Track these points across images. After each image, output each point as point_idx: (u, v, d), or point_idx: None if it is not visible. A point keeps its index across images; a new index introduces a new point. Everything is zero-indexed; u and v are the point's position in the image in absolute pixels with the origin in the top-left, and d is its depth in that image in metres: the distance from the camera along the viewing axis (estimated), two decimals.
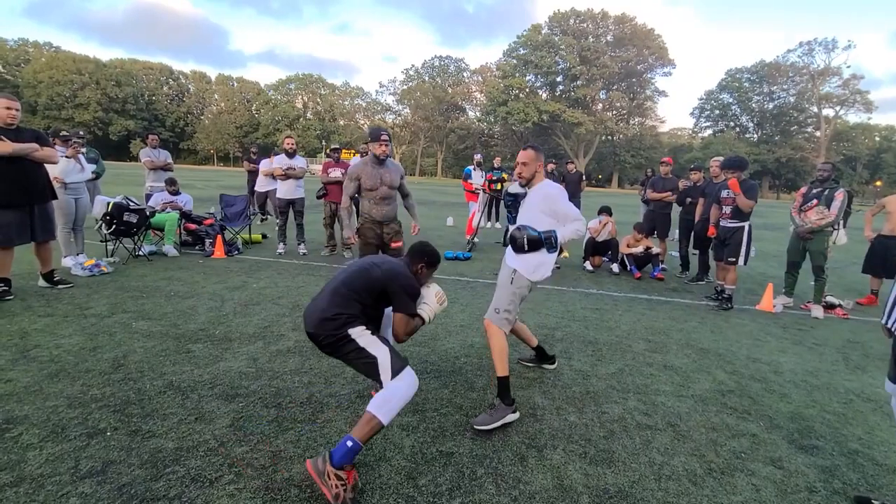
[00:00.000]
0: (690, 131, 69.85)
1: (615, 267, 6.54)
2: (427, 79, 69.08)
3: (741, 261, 4.94)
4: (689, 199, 6.57)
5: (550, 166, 9.87)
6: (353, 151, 21.44)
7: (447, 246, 7.96)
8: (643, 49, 57.29)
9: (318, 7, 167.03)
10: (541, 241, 2.51)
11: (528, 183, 2.68)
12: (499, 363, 2.51)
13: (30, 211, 4.10)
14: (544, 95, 60.59)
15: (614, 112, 62.19)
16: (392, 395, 1.94)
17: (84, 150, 5.65)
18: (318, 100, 72.84)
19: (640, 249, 6.44)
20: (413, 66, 73.17)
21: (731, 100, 61.39)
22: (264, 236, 8.00)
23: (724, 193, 5.02)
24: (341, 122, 72.64)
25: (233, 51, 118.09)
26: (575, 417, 2.56)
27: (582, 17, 58.22)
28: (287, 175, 6.65)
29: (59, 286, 4.41)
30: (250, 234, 7.51)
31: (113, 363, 2.91)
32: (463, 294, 5.01)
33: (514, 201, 2.77)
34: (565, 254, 6.49)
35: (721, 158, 5.88)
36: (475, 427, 2.36)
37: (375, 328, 2.17)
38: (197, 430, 2.23)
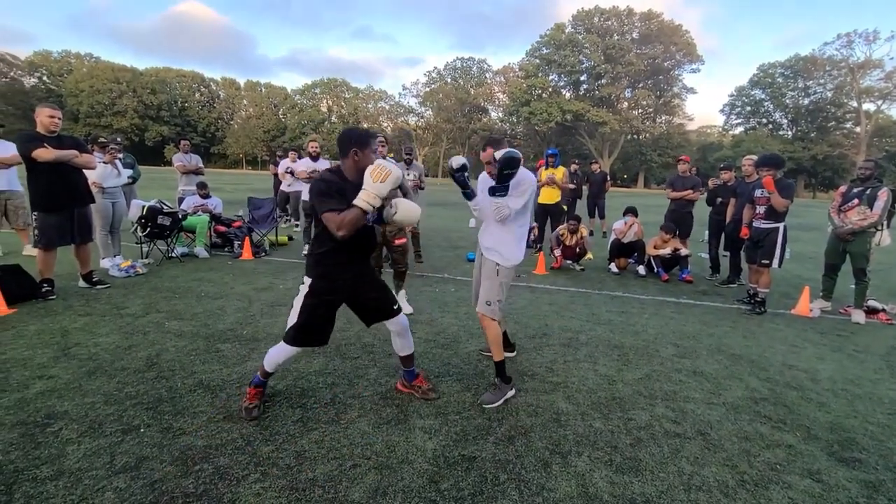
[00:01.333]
0: (720, 129, 67.64)
1: (641, 269, 6.38)
2: (449, 80, 69.16)
3: (775, 263, 4.74)
4: (719, 199, 6.36)
5: (574, 167, 9.73)
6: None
7: (469, 247, 7.93)
8: (670, 46, 55.87)
9: (339, 12, 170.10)
10: (466, 168, 2.71)
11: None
12: (495, 350, 2.73)
13: (70, 215, 4.29)
14: (568, 95, 59.79)
15: (640, 110, 60.87)
16: (273, 352, 2.41)
17: (121, 155, 5.89)
18: (343, 103, 73.93)
19: (667, 251, 6.26)
20: (435, 68, 73.61)
21: (763, 96, 59.14)
22: (290, 238, 8.16)
23: (757, 192, 4.83)
24: (365, 125, 73.44)
25: (258, 57, 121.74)
26: (600, 423, 2.50)
27: (606, 15, 57.23)
28: (311, 178, 6.75)
29: (98, 286, 4.60)
30: (277, 236, 7.67)
31: (147, 361, 3.01)
32: None
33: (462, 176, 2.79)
34: (589, 255, 6.37)
35: (754, 157, 5.66)
36: (483, 406, 2.60)
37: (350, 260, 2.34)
38: (225, 429, 2.28)
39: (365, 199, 2.08)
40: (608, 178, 10.31)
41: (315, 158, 6.90)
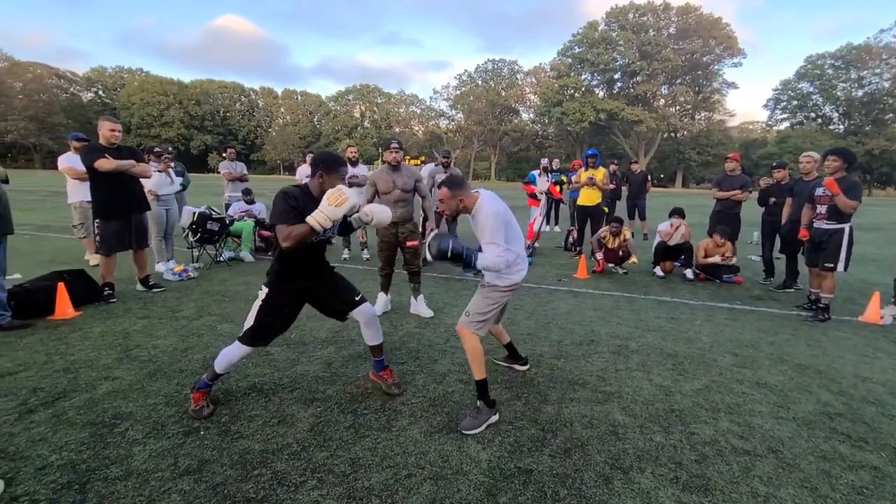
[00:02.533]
0: (764, 125, 64.45)
1: (689, 272, 6.10)
2: (480, 83, 69.09)
3: (840, 266, 4.41)
4: (772, 199, 6.00)
5: (612, 167, 9.45)
6: (420, 158, 21.58)
7: None
8: (709, 39, 53.77)
9: (366, 19, 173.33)
10: (448, 254, 2.31)
11: (456, 216, 2.67)
12: (475, 366, 2.47)
13: (128, 222, 4.49)
14: (601, 94, 58.50)
15: (678, 107, 58.82)
16: (225, 353, 2.46)
17: (173, 164, 6.15)
18: (375, 109, 75.12)
19: (717, 259, 5.96)
20: (466, 70, 73.63)
21: (811, 89, 55.91)
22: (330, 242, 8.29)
23: (818, 191, 4.52)
24: (397, 130, 74.33)
25: (291, 66, 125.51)
26: (661, 437, 2.37)
27: (641, 11, 55.70)
28: (350, 183, 6.83)
29: (154, 290, 4.80)
30: None
31: (202, 364, 3.09)
32: (527, 301, 4.88)
33: None
34: (633, 259, 6.14)
35: (813, 154, 5.31)
36: (462, 431, 2.34)
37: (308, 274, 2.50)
38: (280, 433, 2.29)
39: (317, 218, 2.21)
40: (649, 179, 9.95)
41: (353, 164, 6.97)
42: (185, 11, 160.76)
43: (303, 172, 7.76)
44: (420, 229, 4.66)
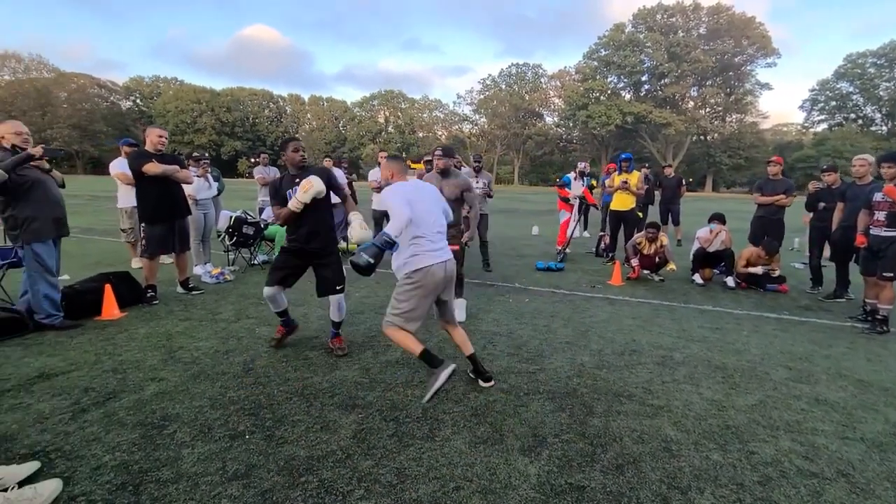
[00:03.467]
0: (800, 126, 62.08)
1: (730, 280, 5.86)
2: (504, 87, 68.93)
3: None
4: (821, 204, 5.72)
5: (644, 170, 9.20)
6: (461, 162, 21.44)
7: (537, 256, 7.71)
8: (741, 39, 52.22)
9: (388, 26, 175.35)
10: (370, 266, 2.59)
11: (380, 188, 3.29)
12: (409, 349, 2.68)
13: (171, 226, 4.61)
14: (628, 96, 57.52)
15: (708, 109, 57.27)
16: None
17: (210, 169, 6.31)
18: (399, 114, 75.82)
19: (759, 270, 5.71)
20: (490, 75, 73.56)
21: (851, 88, 53.56)
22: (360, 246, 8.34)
23: (877, 196, 4.27)
24: (420, 135, 74.86)
25: (315, 73, 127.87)
26: (718, 456, 2.25)
27: (670, 12, 54.61)
28: (381, 188, 6.86)
29: (194, 292, 4.91)
30: (347, 244, 7.86)
31: (243, 367, 3.12)
32: (562, 308, 4.77)
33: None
34: (672, 266, 5.93)
35: (867, 157, 5.03)
36: (423, 402, 2.64)
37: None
38: (324, 440, 2.28)
39: (293, 204, 3.17)
40: (683, 183, 9.67)
41: None
42: (215, 22, 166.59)
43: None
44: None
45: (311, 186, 3.11)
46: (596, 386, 2.96)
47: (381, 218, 6.97)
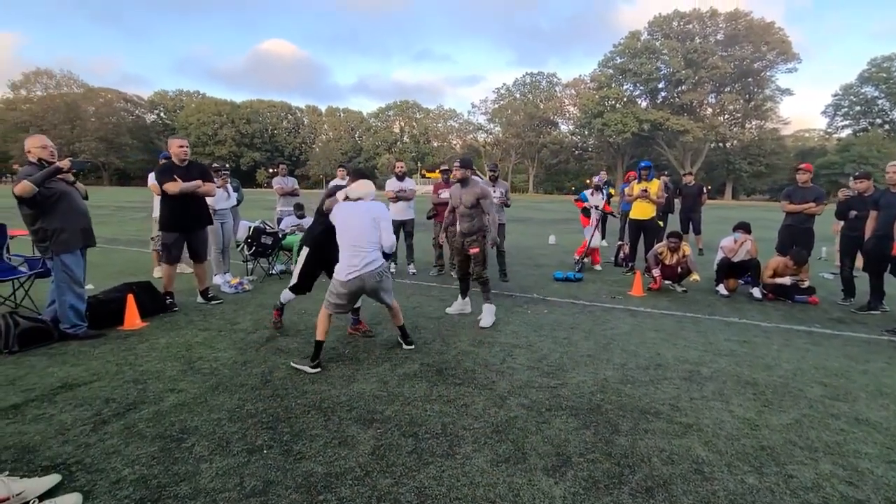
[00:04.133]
0: (822, 132, 60.62)
1: (756, 291, 5.66)
2: (518, 96, 69.09)
3: None
4: (853, 213, 5.51)
5: (664, 178, 9.03)
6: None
7: (554, 266, 7.60)
8: (761, 45, 51.47)
9: (401, 38, 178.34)
10: None
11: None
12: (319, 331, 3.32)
13: (188, 235, 4.67)
14: (644, 104, 57.05)
15: (727, 116, 56.42)
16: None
17: (229, 180, 6.41)
18: (414, 124, 76.54)
19: (787, 280, 5.51)
20: (504, 84, 73.86)
21: (876, 93, 52.18)
22: None
23: None
24: (435, 144, 75.34)
25: (330, 85, 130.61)
26: (754, 479, 2.13)
27: (687, 19, 54.20)
28: (398, 197, 6.86)
29: (213, 302, 4.95)
30: None
31: (261, 378, 3.11)
32: (582, 320, 4.66)
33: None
34: (695, 277, 5.76)
35: None
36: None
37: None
38: (342, 456, 2.23)
39: None
40: (704, 191, 9.46)
41: (401, 178, 7.01)
42: (234, 38, 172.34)
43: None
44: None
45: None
46: (621, 402, 2.86)
47: (397, 228, 6.96)
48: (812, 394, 3.06)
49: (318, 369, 3.22)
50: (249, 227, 6.16)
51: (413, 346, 3.69)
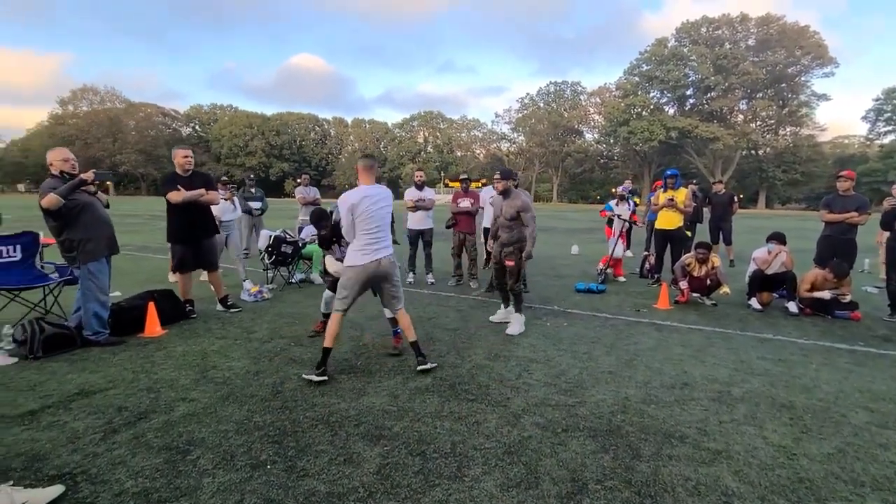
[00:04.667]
0: (863, 138, 57.80)
1: (792, 306, 5.33)
2: (542, 105, 68.77)
3: None
4: None
5: (692, 186, 8.70)
6: (482, 180, 21.76)
7: (576, 277, 7.40)
8: (794, 50, 49.74)
9: (425, 50, 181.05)
10: None
11: None
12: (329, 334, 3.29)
13: (195, 246, 4.73)
14: (671, 111, 55.86)
15: (759, 123, 54.59)
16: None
17: (253, 189, 6.52)
18: (438, 134, 77.09)
19: (826, 294, 5.17)
20: (528, 94, 73.32)
21: None
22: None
23: None
24: (458, 154, 75.63)
25: (357, 97, 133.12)
26: None
27: (716, 24, 52.99)
28: (417, 207, 6.82)
29: (232, 310, 4.99)
30: None
31: (272, 389, 3.07)
32: (604, 333, 4.47)
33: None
34: (725, 290, 5.46)
35: None
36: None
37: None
38: (346, 474, 2.15)
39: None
40: (735, 200, 9.07)
41: (420, 187, 6.97)
42: (265, 53, 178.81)
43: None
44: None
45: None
46: (643, 424, 2.68)
47: (416, 238, 6.91)
48: (856, 420, 2.80)
49: (325, 377, 3.16)
50: (271, 237, 6.23)
51: (428, 368, 3.36)
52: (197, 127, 76.30)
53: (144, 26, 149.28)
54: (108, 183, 4.39)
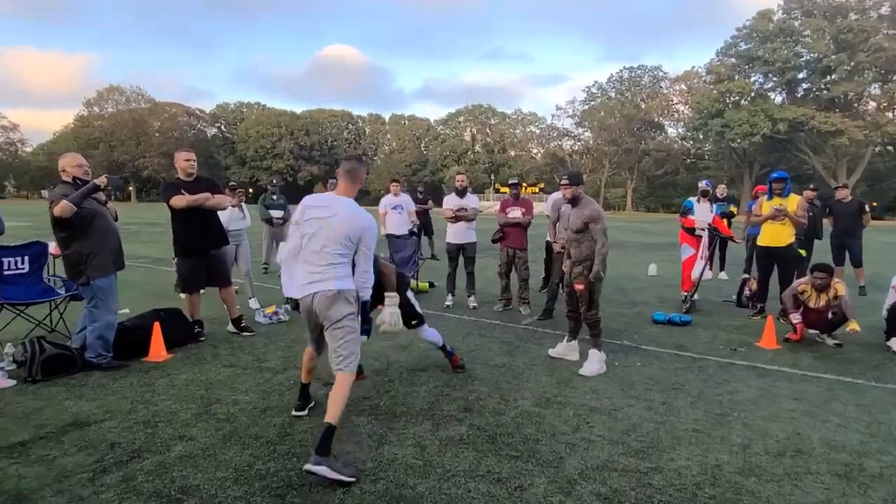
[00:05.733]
0: None
1: None
2: (613, 95, 67.59)
3: None
4: None
5: (810, 194, 8.12)
6: (539, 185, 21.70)
7: (654, 305, 7.05)
8: None
9: (469, 37, 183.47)
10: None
11: None
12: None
13: (203, 260, 4.91)
14: (779, 99, 53.16)
15: None
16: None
17: (275, 196, 6.76)
18: (488, 130, 77.55)
19: None
20: (596, 82, 72.16)
21: None
22: (431, 285, 8.32)
23: None
24: (511, 153, 75.58)
25: (394, 91, 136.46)
26: None
27: None
28: (458, 217, 6.77)
29: (244, 333, 5.14)
30: (417, 282, 7.87)
31: (280, 431, 3.08)
32: (688, 378, 4.18)
33: None
34: (853, 326, 4.96)
35: None
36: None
37: None
38: None
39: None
40: (866, 209, 8.37)
41: (462, 194, 6.93)
42: (294, 45, 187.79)
43: (387, 202, 7.93)
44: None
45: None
46: (740, 502, 2.43)
47: (456, 253, 6.87)
48: None
49: (302, 412, 3.30)
50: None
51: (314, 471, 2.48)
52: (223, 127, 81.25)
53: (169, 22, 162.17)
54: (129, 189, 4.70)
